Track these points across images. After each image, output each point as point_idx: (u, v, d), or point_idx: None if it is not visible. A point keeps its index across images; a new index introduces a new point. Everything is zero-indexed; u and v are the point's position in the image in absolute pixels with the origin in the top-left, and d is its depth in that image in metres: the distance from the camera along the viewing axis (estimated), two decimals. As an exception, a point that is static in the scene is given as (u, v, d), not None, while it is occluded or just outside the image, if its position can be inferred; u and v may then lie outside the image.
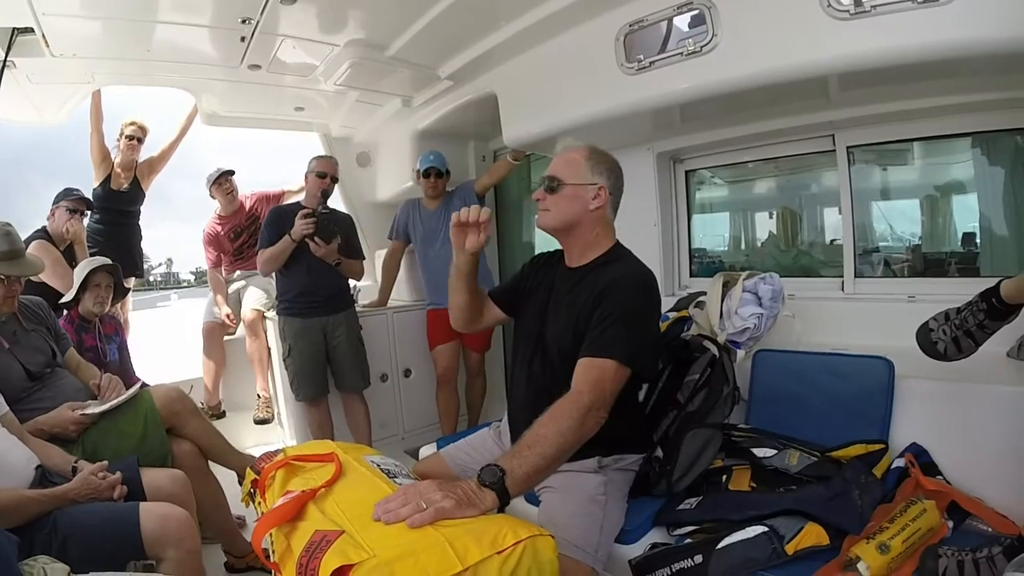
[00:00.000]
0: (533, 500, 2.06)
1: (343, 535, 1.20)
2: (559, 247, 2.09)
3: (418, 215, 4.00)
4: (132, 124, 4.18)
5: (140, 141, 4.22)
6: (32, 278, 2.67)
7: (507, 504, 1.40)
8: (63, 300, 3.12)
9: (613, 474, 1.92)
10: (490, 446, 2.21)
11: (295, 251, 3.34)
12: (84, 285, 3.08)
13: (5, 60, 2.90)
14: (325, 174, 3.51)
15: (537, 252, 5.06)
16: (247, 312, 4.26)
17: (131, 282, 4.06)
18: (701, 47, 2.32)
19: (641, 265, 1.93)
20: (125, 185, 4.18)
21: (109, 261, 3.21)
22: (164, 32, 2.97)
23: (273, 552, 1.35)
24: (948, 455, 1.99)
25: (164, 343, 5.70)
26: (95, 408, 2.37)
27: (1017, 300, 1.54)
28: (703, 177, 3.58)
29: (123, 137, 4.15)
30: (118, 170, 4.14)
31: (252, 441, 4.13)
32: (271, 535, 1.38)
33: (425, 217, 3.97)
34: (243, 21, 2.81)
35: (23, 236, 2.68)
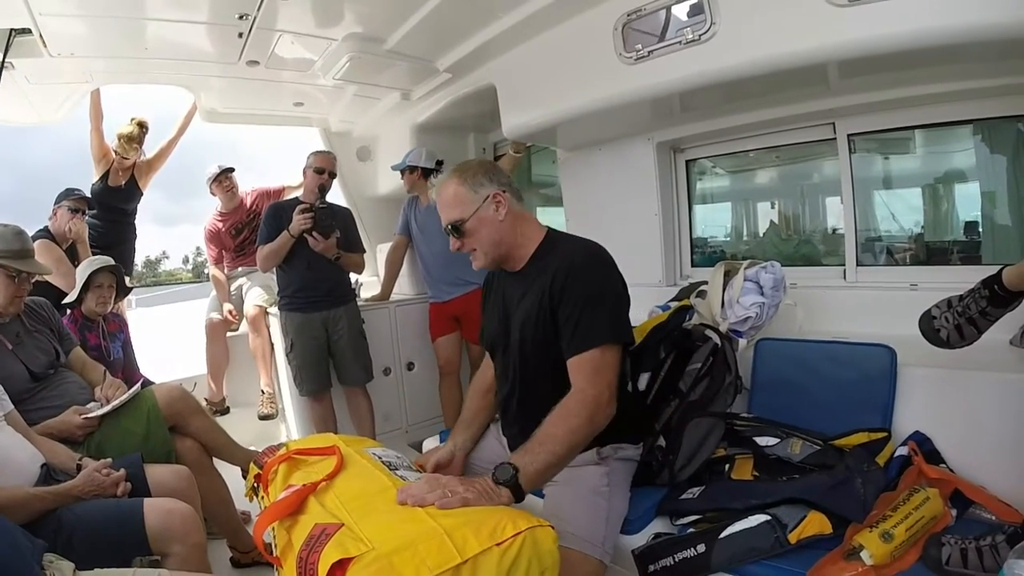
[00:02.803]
0: (538, 492, 2.07)
1: (342, 528, 1.21)
2: None
3: (414, 211, 4.01)
4: (131, 125, 4.16)
5: (140, 143, 4.20)
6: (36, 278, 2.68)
7: (521, 500, 1.49)
8: (66, 300, 3.13)
9: (615, 464, 1.91)
10: (491, 442, 2.20)
11: (294, 246, 3.35)
12: (87, 285, 3.08)
13: (3, 61, 2.89)
14: (323, 169, 3.50)
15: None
16: (249, 308, 4.28)
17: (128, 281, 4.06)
18: (700, 36, 2.31)
19: (582, 241, 1.91)
20: (123, 183, 4.18)
21: (112, 261, 3.22)
22: (161, 30, 2.97)
23: (275, 546, 1.35)
24: (951, 443, 1.99)
25: (167, 340, 5.70)
26: (98, 410, 2.38)
27: (1019, 287, 1.53)
28: (704, 167, 3.56)
29: (122, 140, 4.13)
30: (117, 167, 4.14)
31: (256, 436, 4.13)
32: (273, 529, 1.39)
33: (421, 213, 3.97)
34: (240, 17, 2.81)
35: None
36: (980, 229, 2.63)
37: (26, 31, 2.78)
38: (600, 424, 1.65)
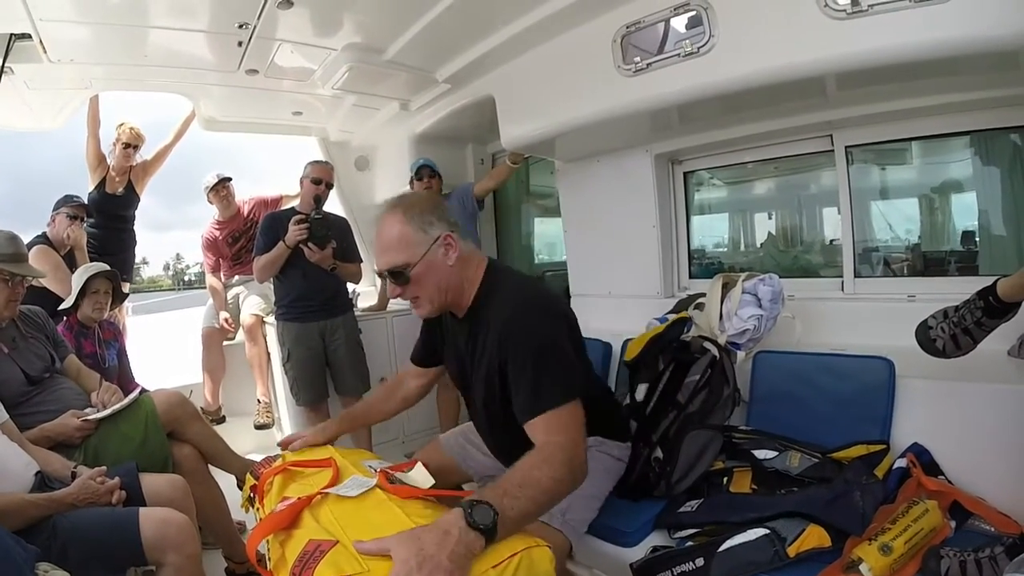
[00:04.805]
0: None
1: (336, 546, 1.19)
2: (549, 253, 2.06)
3: None
4: (130, 130, 4.17)
5: (136, 149, 4.22)
6: (32, 283, 2.68)
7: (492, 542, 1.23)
8: (62, 306, 3.11)
9: (595, 453, 1.88)
10: (467, 443, 2.21)
11: (291, 256, 3.34)
12: (83, 291, 3.08)
13: (3, 66, 2.89)
14: (320, 180, 3.49)
15: (537, 257, 5.06)
16: (246, 317, 4.26)
17: (126, 287, 4.04)
18: (698, 48, 2.32)
19: (518, 284, 1.76)
20: (120, 189, 4.18)
21: (107, 267, 3.21)
22: (161, 37, 2.97)
23: (269, 559, 1.34)
24: (950, 454, 1.99)
25: (163, 348, 5.68)
26: (96, 414, 2.38)
27: (1013, 298, 1.54)
28: (702, 178, 3.57)
29: (119, 143, 4.15)
30: (113, 174, 4.14)
31: (252, 446, 4.11)
32: (267, 541, 1.37)
33: None
34: (240, 26, 2.81)
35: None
36: (977, 239, 2.64)
37: (26, 36, 2.78)
38: (579, 479, 1.46)
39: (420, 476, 1.60)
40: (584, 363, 1.81)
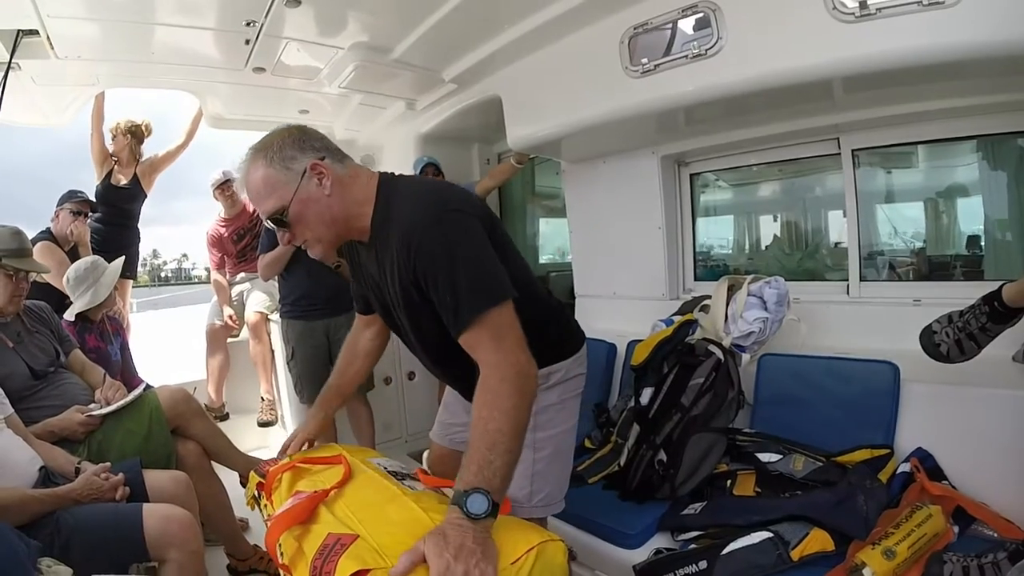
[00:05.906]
0: None
1: (357, 539, 1.20)
2: (554, 253, 1.99)
3: None
4: (126, 122, 4.18)
5: (135, 137, 4.23)
6: (36, 279, 2.68)
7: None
8: (73, 310, 3.10)
9: (543, 395, 1.63)
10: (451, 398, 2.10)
11: (295, 254, 3.33)
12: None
13: (10, 62, 2.91)
14: None
15: (542, 254, 5.04)
16: (250, 315, 4.26)
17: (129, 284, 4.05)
18: (706, 50, 2.31)
19: (416, 190, 1.58)
20: (124, 181, 4.19)
21: (104, 261, 3.21)
22: (168, 35, 2.98)
23: (282, 554, 1.34)
24: (954, 460, 1.99)
25: (167, 344, 5.67)
26: (100, 410, 2.38)
27: (1018, 304, 1.53)
28: (707, 180, 3.57)
29: (118, 135, 4.17)
30: (118, 166, 4.15)
31: (255, 443, 4.12)
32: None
33: None
34: (247, 24, 2.81)
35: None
36: (983, 244, 2.64)
37: (33, 32, 2.79)
38: (532, 389, 1.37)
39: None
40: (517, 268, 1.66)
